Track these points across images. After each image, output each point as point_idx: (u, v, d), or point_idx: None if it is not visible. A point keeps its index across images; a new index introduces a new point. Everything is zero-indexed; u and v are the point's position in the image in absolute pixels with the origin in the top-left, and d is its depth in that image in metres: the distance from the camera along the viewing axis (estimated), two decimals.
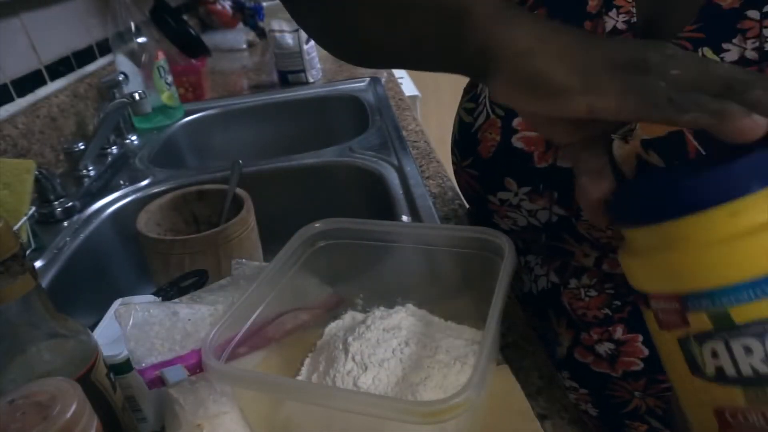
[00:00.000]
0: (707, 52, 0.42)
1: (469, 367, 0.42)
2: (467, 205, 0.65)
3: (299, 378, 0.45)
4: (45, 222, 0.78)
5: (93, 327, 0.45)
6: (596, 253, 0.49)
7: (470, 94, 0.54)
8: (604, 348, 0.51)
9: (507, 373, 0.45)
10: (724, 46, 0.41)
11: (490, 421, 0.41)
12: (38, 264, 0.70)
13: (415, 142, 0.93)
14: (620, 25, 0.46)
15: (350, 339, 0.43)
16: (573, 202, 0.47)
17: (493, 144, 0.50)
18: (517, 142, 0.48)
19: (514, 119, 0.49)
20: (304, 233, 0.48)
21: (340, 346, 0.43)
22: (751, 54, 0.40)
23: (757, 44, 0.40)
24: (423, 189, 0.77)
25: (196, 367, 0.38)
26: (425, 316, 0.48)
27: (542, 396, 0.44)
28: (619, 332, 0.50)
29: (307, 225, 0.48)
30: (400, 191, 0.78)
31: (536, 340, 0.50)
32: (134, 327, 0.39)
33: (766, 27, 0.40)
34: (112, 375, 0.40)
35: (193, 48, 1.30)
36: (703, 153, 0.41)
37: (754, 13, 0.40)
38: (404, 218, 0.71)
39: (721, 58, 0.41)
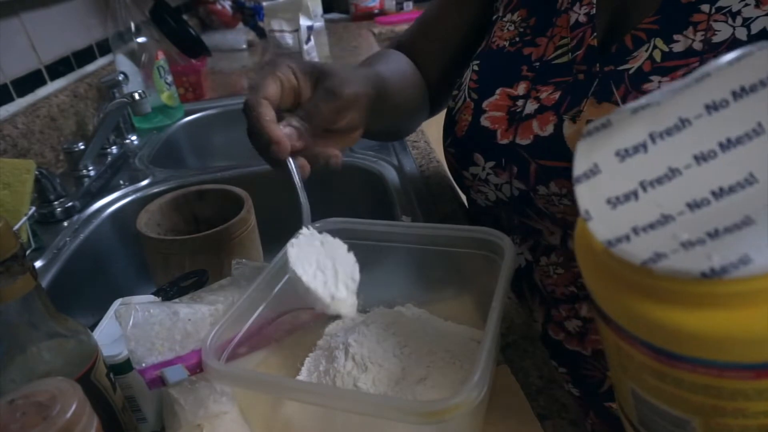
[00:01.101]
0: (659, 42, 0.45)
1: (469, 366, 0.42)
2: (461, 193, 0.68)
3: (299, 378, 0.45)
4: (45, 222, 0.78)
5: (93, 327, 0.45)
6: (560, 230, 0.53)
7: (457, 83, 0.60)
8: (573, 325, 0.53)
9: (507, 373, 0.45)
10: (675, 37, 0.44)
11: (490, 421, 0.41)
12: (38, 264, 0.70)
13: (415, 142, 0.93)
14: (582, 18, 0.50)
15: (350, 339, 0.43)
16: (529, 178, 0.51)
17: (466, 123, 0.55)
18: (484, 121, 0.53)
19: (484, 101, 0.54)
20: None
21: (341, 346, 0.43)
22: (697, 45, 0.43)
23: (704, 36, 0.43)
24: (423, 189, 0.77)
25: (197, 367, 0.38)
26: (425, 316, 0.48)
27: (542, 396, 0.44)
28: (584, 309, 0.53)
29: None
30: (401, 190, 0.78)
31: (537, 340, 0.50)
32: (134, 327, 0.39)
33: (715, 20, 0.42)
34: (112, 375, 0.40)
35: (193, 48, 1.30)
36: None
37: (706, 7, 0.43)
38: (404, 218, 0.71)
39: (670, 48, 0.44)
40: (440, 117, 0.67)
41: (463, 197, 0.68)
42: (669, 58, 0.44)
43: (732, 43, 0.41)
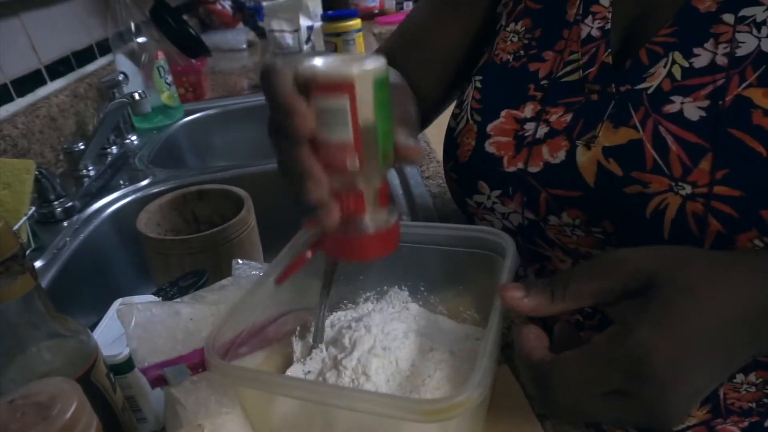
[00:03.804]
0: (677, 56, 0.42)
1: (471, 365, 0.42)
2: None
3: (301, 366, 0.44)
4: (45, 222, 0.78)
5: (93, 327, 0.45)
6: (571, 258, 0.50)
7: (458, 100, 0.55)
8: None
9: (507, 372, 0.45)
10: (695, 50, 0.41)
11: (491, 421, 0.41)
12: (38, 264, 0.70)
13: None
14: (594, 32, 0.46)
15: (353, 338, 0.43)
16: (539, 208, 0.48)
17: (469, 148, 0.51)
18: (489, 146, 0.49)
19: (488, 125, 0.50)
20: (304, 233, 0.48)
21: (345, 344, 0.43)
22: (720, 59, 0.40)
23: (728, 49, 0.39)
24: (423, 189, 0.77)
25: (198, 367, 0.38)
26: (427, 315, 0.48)
27: None
28: (591, 337, 0.50)
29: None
30: (400, 191, 0.78)
31: None
32: (137, 326, 0.39)
33: (739, 31, 0.39)
34: (111, 375, 0.40)
35: (193, 48, 1.30)
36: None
37: (729, 17, 0.40)
38: (404, 218, 0.71)
39: (691, 63, 0.41)
40: (439, 117, 0.67)
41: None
42: (691, 75, 0.41)
43: (758, 57, 0.38)
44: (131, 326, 0.39)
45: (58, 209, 0.79)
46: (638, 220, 0.42)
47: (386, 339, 0.43)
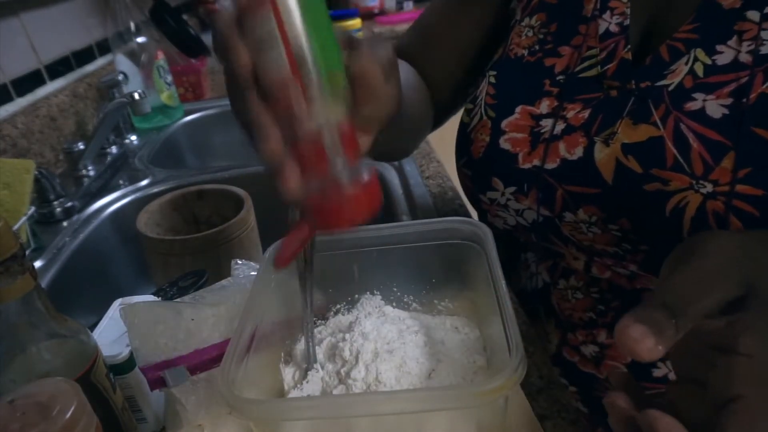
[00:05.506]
0: (700, 54, 0.41)
1: (462, 352, 0.42)
2: (473, 209, 0.66)
3: (288, 386, 0.43)
4: (45, 222, 0.78)
5: (93, 327, 0.45)
6: (584, 256, 0.49)
7: (471, 96, 0.55)
8: (589, 350, 0.51)
9: None
10: (718, 48, 0.40)
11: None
12: (38, 264, 0.70)
13: None
14: (613, 27, 0.46)
15: (353, 349, 0.42)
16: (555, 204, 0.47)
17: (483, 144, 0.50)
18: (504, 143, 0.49)
19: (503, 121, 0.49)
20: (273, 252, 0.46)
21: (346, 357, 0.42)
22: (744, 57, 0.39)
23: (752, 47, 0.39)
24: (423, 189, 0.77)
25: (198, 368, 0.38)
26: (406, 315, 0.48)
27: (542, 396, 0.44)
28: (602, 336, 0.50)
29: (274, 244, 0.46)
30: (400, 191, 0.78)
31: (536, 341, 0.50)
32: (139, 325, 0.39)
33: (764, 29, 0.39)
34: (111, 375, 0.40)
35: (193, 48, 1.29)
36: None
37: (754, 14, 0.39)
38: (404, 218, 0.71)
39: (714, 61, 0.40)
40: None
41: (474, 213, 0.66)
42: (713, 72, 0.40)
43: None
44: (134, 325, 0.39)
45: (58, 209, 0.79)
46: (657, 217, 0.41)
47: (386, 343, 0.43)
